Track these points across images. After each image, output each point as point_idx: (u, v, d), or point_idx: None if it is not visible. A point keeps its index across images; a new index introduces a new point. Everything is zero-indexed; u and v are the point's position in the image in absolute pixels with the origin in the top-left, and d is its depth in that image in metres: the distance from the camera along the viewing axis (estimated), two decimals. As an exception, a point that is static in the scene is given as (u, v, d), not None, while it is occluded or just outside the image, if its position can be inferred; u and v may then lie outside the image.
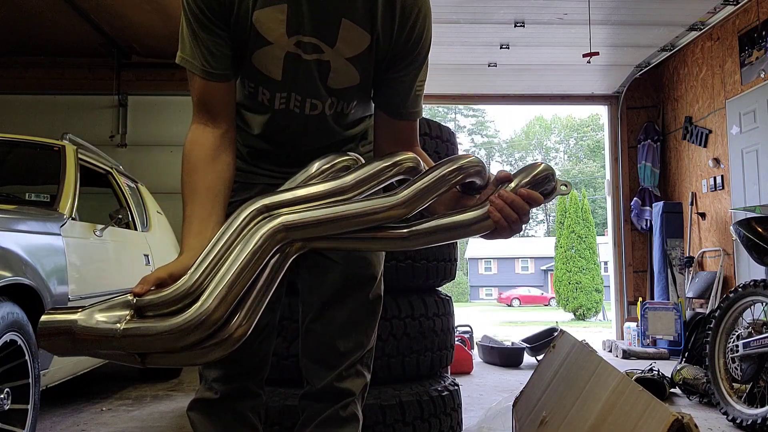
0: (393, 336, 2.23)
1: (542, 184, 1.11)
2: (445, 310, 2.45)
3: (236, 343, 0.95)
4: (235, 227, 0.99)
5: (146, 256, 3.90)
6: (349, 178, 1.06)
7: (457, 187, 1.13)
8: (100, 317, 0.93)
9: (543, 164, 1.12)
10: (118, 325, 0.91)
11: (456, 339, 3.40)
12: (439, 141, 2.47)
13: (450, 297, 2.59)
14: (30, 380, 2.22)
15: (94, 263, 3.08)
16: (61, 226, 2.73)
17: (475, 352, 5.62)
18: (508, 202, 1.08)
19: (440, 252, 2.41)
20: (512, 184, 1.10)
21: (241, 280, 0.93)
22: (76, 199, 3.00)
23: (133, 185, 4.23)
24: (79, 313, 0.94)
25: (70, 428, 3.00)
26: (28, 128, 4.40)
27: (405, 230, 1.06)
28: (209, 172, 1.15)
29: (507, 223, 1.09)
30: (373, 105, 1.31)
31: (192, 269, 0.96)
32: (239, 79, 1.24)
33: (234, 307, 0.93)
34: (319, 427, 1.33)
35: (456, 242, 2.55)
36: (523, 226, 1.16)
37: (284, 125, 1.27)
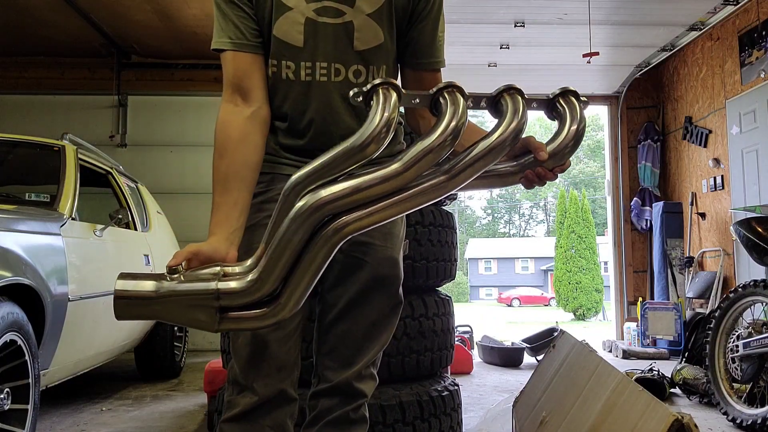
0: (393, 336, 2.21)
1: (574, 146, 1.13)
2: (445, 310, 2.45)
3: (289, 314, 1.05)
4: (294, 222, 1.00)
5: (146, 256, 3.90)
6: (400, 167, 1.00)
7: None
8: (188, 311, 1.02)
9: (574, 132, 1.09)
10: (215, 325, 1.02)
11: (456, 339, 3.40)
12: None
13: (450, 297, 2.59)
14: (30, 380, 2.22)
15: (94, 263, 3.08)
16: (61, 226, 2.73)
17: (475, 352, 5.62)
18: (541, 177, 1.12)
19: (440, 252, 2.41)
20: (547, 158, 1.09)
21: (311, 280, 1.02)
22: (76, 199, 3.00)
23: (133, 185, 4.23)
24: (162, 300, 1.01)
25: (70, 428, 3.00)
26: (28, 128, 4.40)
27: (443, 177, 1.04)
28: (236, 157, 1.19)
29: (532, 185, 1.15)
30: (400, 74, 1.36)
31: (256, 272, 1.02)
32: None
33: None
34: (329, 426, 1.33)
35: (456, 243, 2.56)
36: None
37: (311, 102, 1.27)
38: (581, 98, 1.11)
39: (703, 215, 5.86)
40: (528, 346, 5.47)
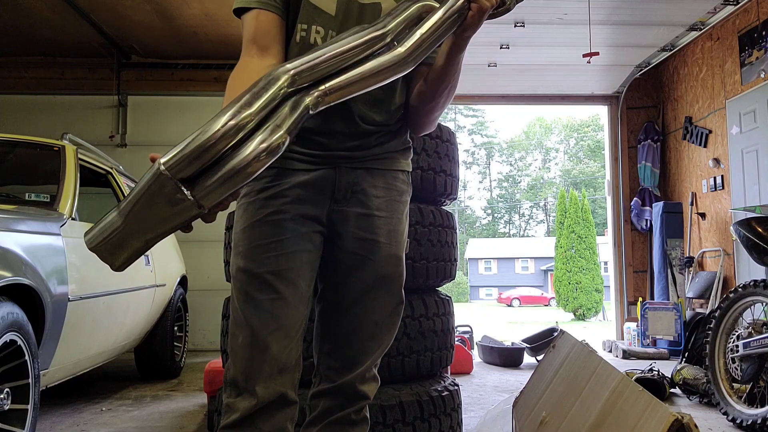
0: (393, 336, 2.23)
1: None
2: (445, 310, 2.45)
3: (249, 175, 1.00)
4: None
5: (146, 256, 3.90)
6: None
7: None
8: (161, 210, 0.98)
9: None
10: (162, 167, 0.96)
11: (456, 339, 3.40)
12: (439, 141, 2.47)
13: (450, 297, 2.59)
14: (30, 380, 2.22)
15: (94, 263, 3.05)
16: (61, 226, 2.73)
17: (475, 352, 5.62)
18: None
19: (440, 252, 2.41)
20: None
21: (251, 113, 1.00)
22: (76, 199, 3.00)
23: (133, 185, 4.22)
24: (130, 218, 0.99)
25: (70, 428, 3.00)
26: (28, 128, 4.40)
27: (402, 49, 1.15)
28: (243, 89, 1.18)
29: None
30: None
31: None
32: (292, 35, 1.29)
33: (246, 138, 1.00)
34: (330, 426, 1.32)
35: (456, 243, 2.55)
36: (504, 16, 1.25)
37: None
38: None
39: (703, 215, 5.86)
40: (528, 346, 5.47)
